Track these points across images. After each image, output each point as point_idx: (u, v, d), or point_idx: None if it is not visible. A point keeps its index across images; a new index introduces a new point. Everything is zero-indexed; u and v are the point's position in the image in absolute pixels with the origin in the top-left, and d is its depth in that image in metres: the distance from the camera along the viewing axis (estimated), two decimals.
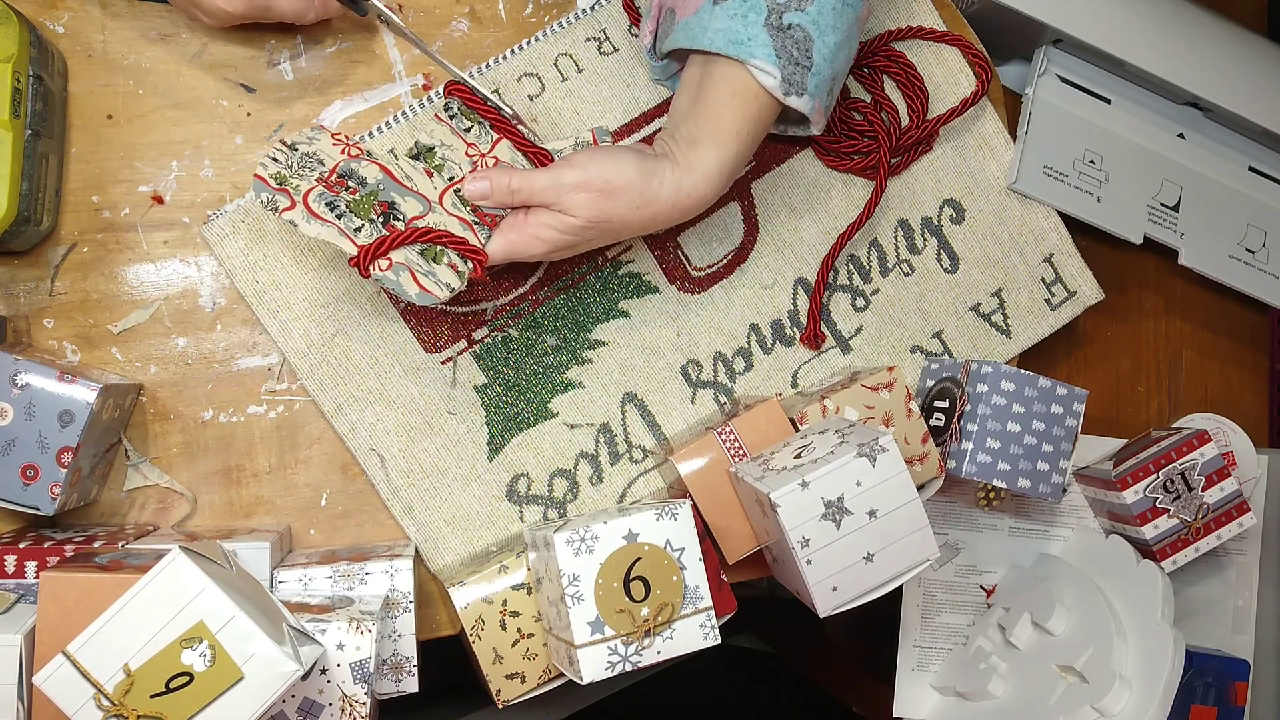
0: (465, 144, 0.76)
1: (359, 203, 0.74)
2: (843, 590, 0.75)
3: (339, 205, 0.73)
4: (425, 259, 0.74)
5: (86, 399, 0.73)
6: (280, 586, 0.77)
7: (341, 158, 0.74)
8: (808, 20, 0.74)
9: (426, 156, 0.76)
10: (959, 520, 0.95)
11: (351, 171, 0.74)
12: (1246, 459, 1.00)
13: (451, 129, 0.76)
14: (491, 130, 0.76)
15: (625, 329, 0.88)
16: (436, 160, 0.76)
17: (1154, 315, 1.05)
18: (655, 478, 0.88)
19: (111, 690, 0.61)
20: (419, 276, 0.73)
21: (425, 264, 0.74)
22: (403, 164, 0.75)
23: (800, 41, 0.74)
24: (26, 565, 0.73)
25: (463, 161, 0.76)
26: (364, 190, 0.74)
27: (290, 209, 0.72)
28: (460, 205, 0.76)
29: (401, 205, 0.75)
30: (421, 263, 0.74)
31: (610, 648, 0.72)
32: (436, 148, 0.76)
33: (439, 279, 0.74)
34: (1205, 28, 0.97)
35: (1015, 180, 0.93)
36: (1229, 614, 1.00)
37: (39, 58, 0.76)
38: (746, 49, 0.73)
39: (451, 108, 0.76)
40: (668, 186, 0.74)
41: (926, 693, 0.95)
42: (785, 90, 0.74)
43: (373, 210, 0.74)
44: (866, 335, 0.92)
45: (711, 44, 0.74)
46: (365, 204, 0.74)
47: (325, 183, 0.74)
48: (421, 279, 0.73)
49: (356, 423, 0.84)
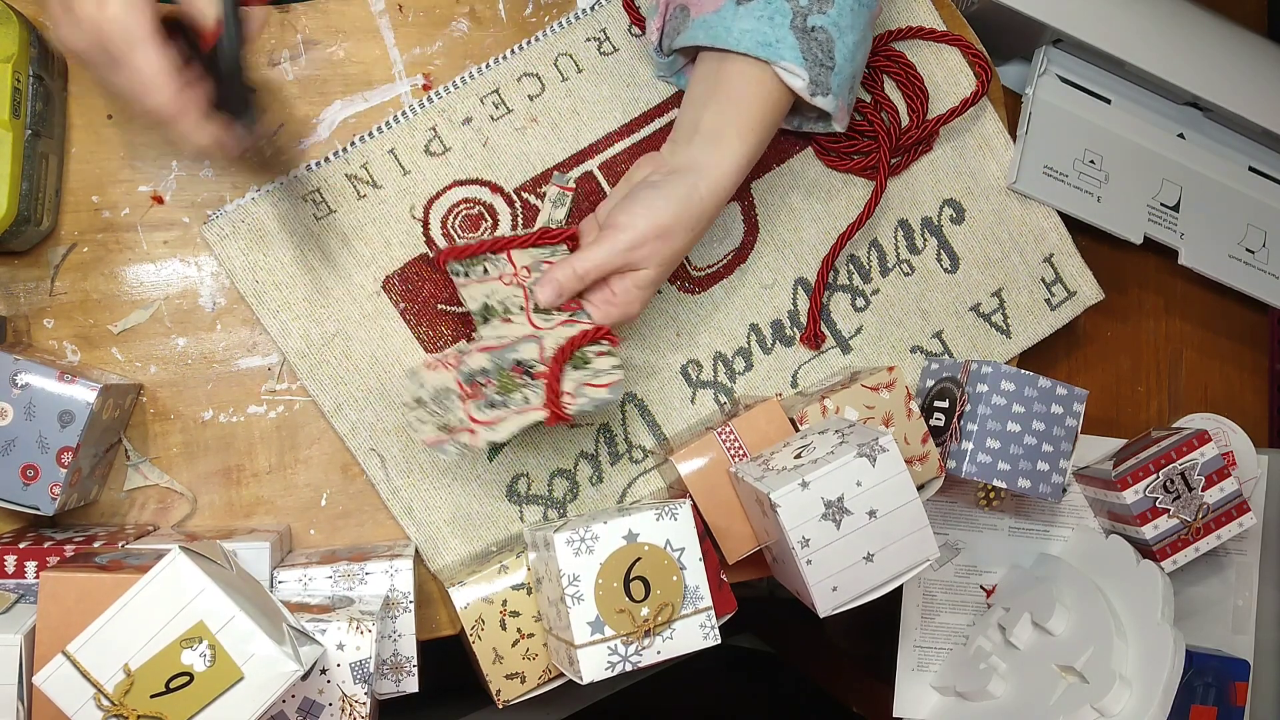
0: (497, 279, 0.79)
1: (502, 384, 0.77)
2: (843, 590, 0.75)
3: (493, 398, 0.77)
4: (580, 369, 0.78)
5: (86, 399, 0.73)
6: (280, 586, 0.77)
7: (452, 373, 0.77)
8: (829, 22, 0.76)
9: (491, 314, 0.79)
10: (959, 520, 0.95)
11: (470, 373, 0.77)
12: (1246, 459, 1.00)
13: (476, 282, 0.79)
14: (495, 254, 0.79)
15: (625, 329, 0.88)
16: (500, 310, 0.79)
17: (1154, 315, 1.05)
18: (655, 478, 0.88)
19: (111, 690, 0.61)
20: (593, 382, 0.77)
21: (586, 372, 0.78)
22: (486, 334, 0.79)
23: (824, 43, 0.75)
24: (26, 565, 0.73)
25: (513, 291, 0.79)
26: (491, 374, 0.77)
27: (475, 435, 0.76)
28: (549, 316, 0.78)
29: (524, 356, 0.77)
30: (583, 374, 0.78)
31: (610, 648, 0.72)
32: (487, 301, 0.79)
33: (604, 370, 0.78)
34: (1205, 28, 0.97)
35: (1015, 180, 0.93)
36: (1229, 614, 1.00)
37: (39, 58, 0.76)
38: (775, 51, 0.74)
39: (457, 269, 0.79)
40: (707, 196, 0.76)
41: (926, 693, 0.95)
42: (812, 91, 0.76)
43: (514, 379, 0.77)
44: (866, 335, 0.92)
45: (739, 44, 0.75)
46: (506, 381, 0.77)
47: (466, 398, 0.77)
48: (596, 381, 0.77)
49: (356, 423, 0.84)
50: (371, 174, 0.84)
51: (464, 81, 0.86)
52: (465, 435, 0.76)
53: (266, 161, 0.81)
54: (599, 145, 0.88)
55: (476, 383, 0.77)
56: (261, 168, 0.82)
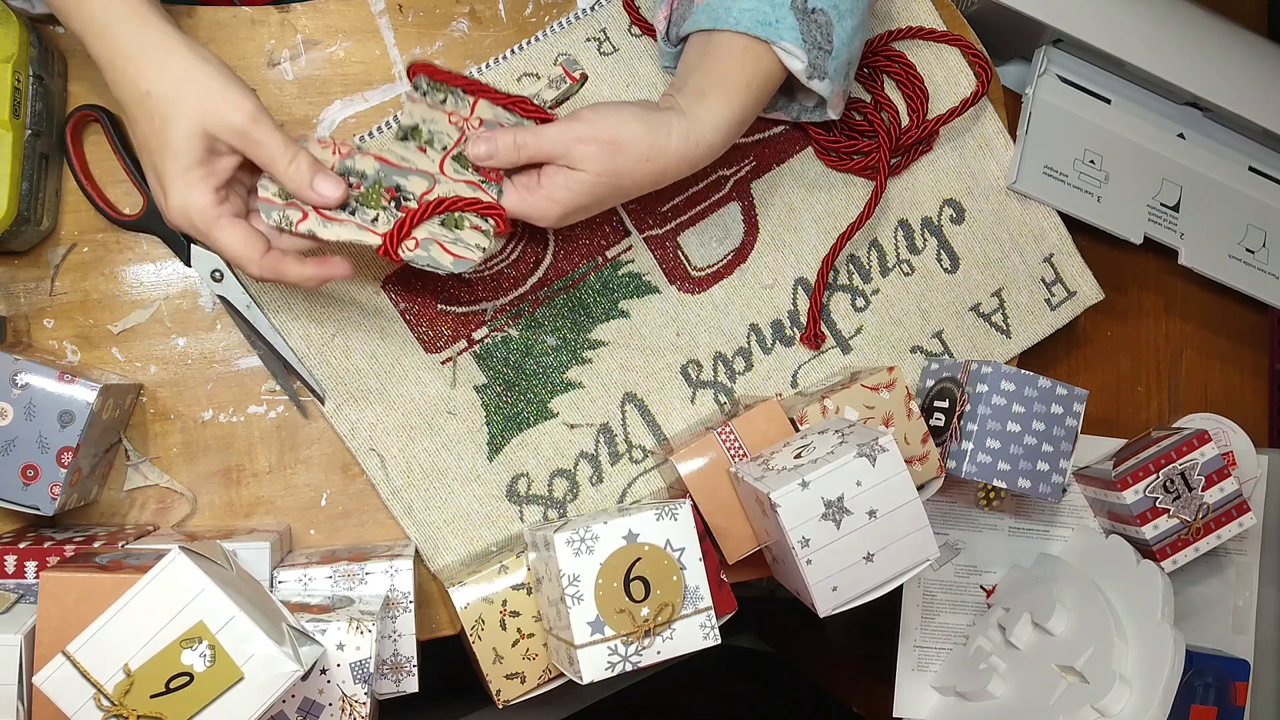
0: (446, 114, 0.76)
1: (367, 195, 0.74)
2: (843, 590, 0.75)
3: (349, 203, 0.73)
4: (448, 228, 0.74)
5: (86, 399, 0.73)
6: (280, 586, 0.77)
7: (334, 159, 0.74)
8: (829, 5, 0.76)
9: (414, 135, 0.76)
10: (959, 520, 0.95)
11: (349, 169, 0.74)
12: (1246, 459, 1.00)
13: (427, 104, 0.76)
14: (466, 94, 0.76)
15: (625, 329, 0.88)
16: (425, 136, 0.76)
17: (1154, 315, 1.05)
18: (655, 478, 0.88)
19: (111, 690, 0.61)
20: (448, 246, 0.74)
21: (450, 233, 0.74)
22: (394, 148, 0.75)
23: (823, 26, 0.75)
24: (26, 565, 0.73)
25: (450, 130, 0.76)
26: (367, 182, 0.74)
27: (304, 220, 0.72)
28: (462, 169, 0.75)
29: (407, 186, 0.75)
30: (446, 233, 0.74)
31: (610, 648, 0.72)
32: (420, 125, 0.76)
33: (468, 243, 0.74)
34: (1205, 28, 0.97)
35: (1015, 180, 0.93)
36: (1229, 614, 1.00)
37: (39, 58, 0.76)
38: (775, 30, 0.74)
39: (420, 85, 0.75)
40: (676, 137, 0.74)
41: (926, 693, 0.95)
42: (809, 74, 0.76)
43: (382, 198, 0.74)
44: (866, 335, 0.92)
45: (738, 24, 0.75)
46: (373, 194, 0.74)
47: None
48: (451, 247, 0.74)
49: (356, 423, 0.84)
50: None
51: None
52: (295, 212, 0.72)
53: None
54: None
55: (345, 179, 0.73)
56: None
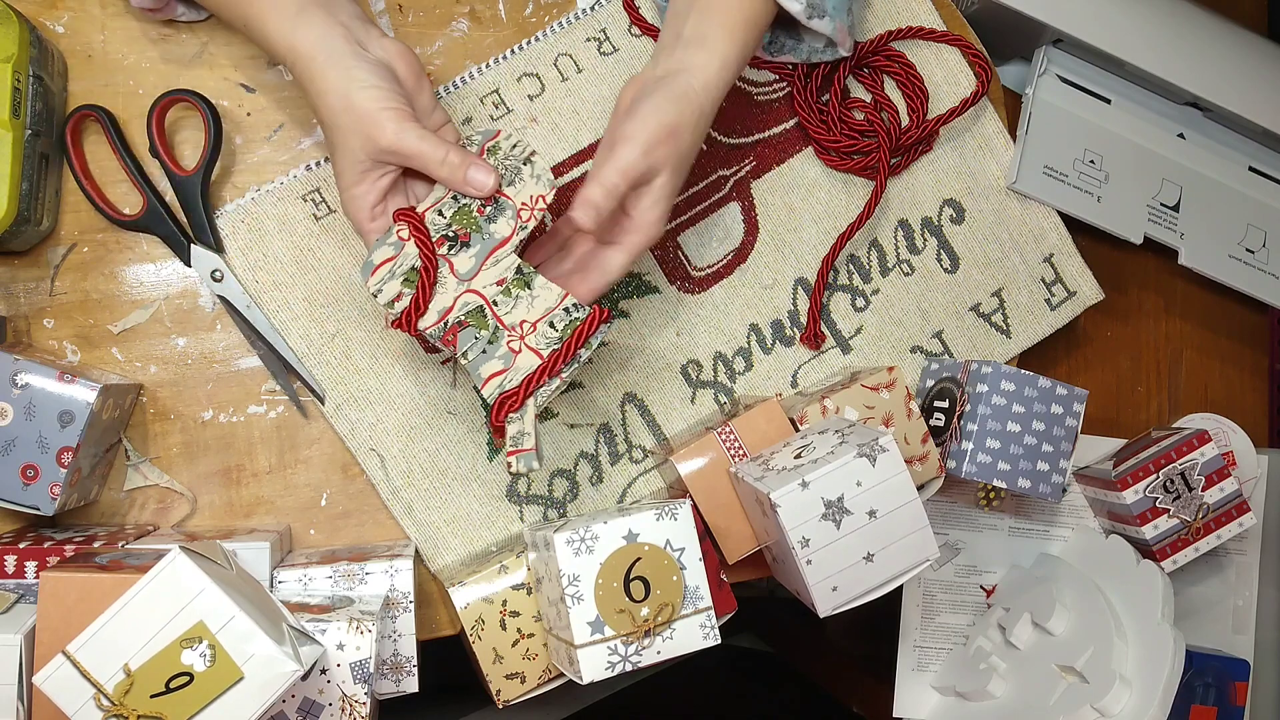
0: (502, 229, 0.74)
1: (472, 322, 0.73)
2: (843, 590, 0.75)
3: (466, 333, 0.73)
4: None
5: (86, 399, 0.73)
6: (280, 586, 0.77)
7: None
8: None
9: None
10: (959, 520, 0.95)
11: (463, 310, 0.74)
12: (1246, 459, 1.00)
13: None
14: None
15: (625, 329, 0.88)
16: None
17: (1154, 315, 1.05)
18: (655, 478, 0.88)
19: (111, 690, 0.61)
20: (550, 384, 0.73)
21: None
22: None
23: None
24: (26, 565, 0.73)
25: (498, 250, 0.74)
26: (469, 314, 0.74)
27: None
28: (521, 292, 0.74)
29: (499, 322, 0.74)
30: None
31: (610, 648, 0.72)
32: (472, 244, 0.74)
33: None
34: (1205, 28, 0.97)
35: (1015, 180, 0.93)
36: (1229, 614, 1.00)
37: (39, 58, 0.76)
38: None
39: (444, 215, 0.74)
40: (701, 91, 0.74)
41: (926, 693, 0.95)
42: (809, 14, 0.77)
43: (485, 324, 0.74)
44: (866, 335, 0.92)
45: None
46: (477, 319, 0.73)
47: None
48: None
49: (356, 423, 0.84)
50: None
51: (464, 81, 0.86)
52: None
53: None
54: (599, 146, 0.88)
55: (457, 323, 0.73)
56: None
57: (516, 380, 0.72)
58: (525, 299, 0.73)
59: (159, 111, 0.80)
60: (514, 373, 0.73)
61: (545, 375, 0.72)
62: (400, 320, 0.73)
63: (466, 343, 0.73)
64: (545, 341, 0.73)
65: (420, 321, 0.73)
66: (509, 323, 0.73)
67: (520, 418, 0.73)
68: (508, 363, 0.73)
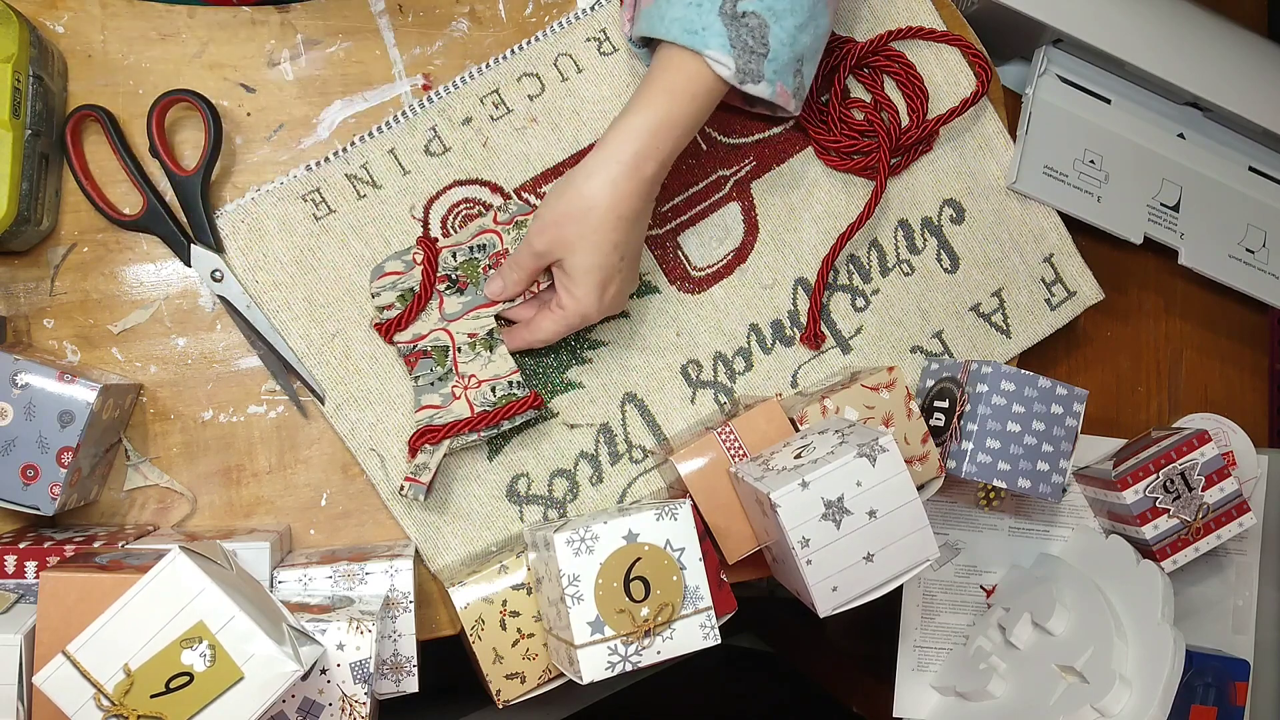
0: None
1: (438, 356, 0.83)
2: (843, 590, 0.75)
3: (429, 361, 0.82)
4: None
5: (86, 399, 0.73)
6: (280, 586, 0.77)
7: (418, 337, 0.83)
8: (763, 7, 0.74)
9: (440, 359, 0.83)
10: (959, 520, 0.95)
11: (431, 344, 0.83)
12: (1246, 459, 1.00)
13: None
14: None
15: (625, 329, 0.88)
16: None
17: (1154, 315, 1.05)
18: (655, 478, 0.88)
19: (111, 690, 0.61)
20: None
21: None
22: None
23: (755, 29, 0.73)
24: (26, 565, 0.73)
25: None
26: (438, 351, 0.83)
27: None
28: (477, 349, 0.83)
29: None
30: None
31: (610, 648, 0.72)
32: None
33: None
34: (1205, 28, 0.97)
35: (1015, 180, 0.93)
36: (1229, 614, 1.00)
37: (39, 58, 0.76)
38: (701, 39, 0.73)
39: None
40: (596, 171, 0.75)
41: (926, 693, 0.95)
42: (741, 79, 0.74)
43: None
44: (866, 335, 0.92)
45: (668, 33, 0.74)
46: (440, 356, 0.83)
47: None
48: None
49: (356, 423, 0.84)
50: (371, 174, 0.84)
51: (464, 81, 0.86)
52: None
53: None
54: None
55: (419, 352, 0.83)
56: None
57: (444, 420, 0.81)
58: (483, 359, 0.82)
59: (159, 111, 0.80)
60: (446, 413, 0.82)
61: (467, 428, 0.81)
62: (383, 326, 0.82)
63: (423, 370, 0.82)
64: (481, 401, 0.82)
65: (397, 335, 0.82)
66: (462, 370, 0.82)
67: (431, 454, 0.81)
68: (445, 402, 0.82)
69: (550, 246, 0.77)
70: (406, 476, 0.81)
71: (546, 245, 0.78)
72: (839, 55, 0.89)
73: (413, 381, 0.82)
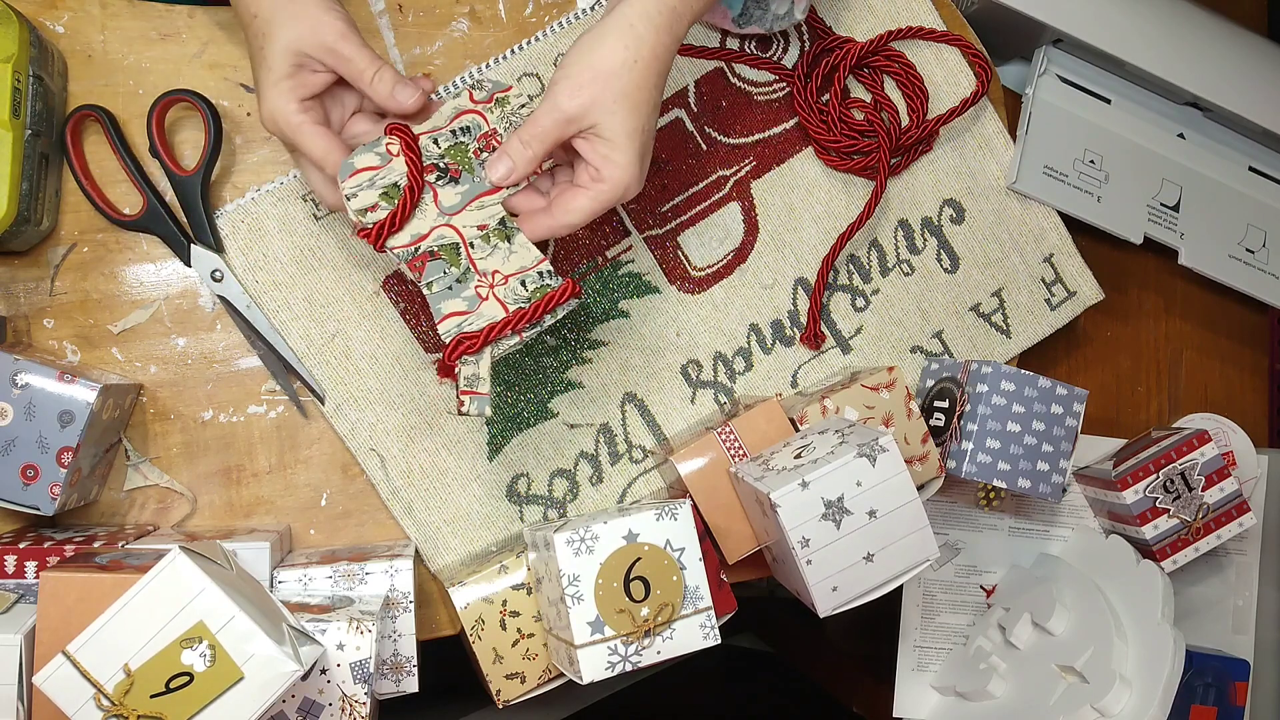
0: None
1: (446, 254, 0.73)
2: (843, 590, 0.75)
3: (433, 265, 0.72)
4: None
5: (86, 399, 0.73)
6: (280, 586, 0.77)
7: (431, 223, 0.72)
8: None
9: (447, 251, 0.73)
10: (959, 520, 0.95)
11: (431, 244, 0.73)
12: (1246, 459, 1.00)
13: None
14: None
15: (625, 329, 0.88)
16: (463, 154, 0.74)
17: (1154, 315, 1.05)
18: (655, 478, 0.88)
19: (111, 690, 0.61)
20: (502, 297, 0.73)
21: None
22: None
23: None
24: (26, 565, 0.73)
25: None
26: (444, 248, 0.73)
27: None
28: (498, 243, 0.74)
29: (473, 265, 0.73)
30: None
31: (610, 648, 0.72)
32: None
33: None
34: (1205, 28, 0.97)
35: (1015, 180, 0.93)
36: (1229, 614, 1.00)
37: (39, 58, 0.76)
38: None
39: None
40: (638, 22, 0.69)
41: (926, 693, 0.95)
42: None
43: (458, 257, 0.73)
44: (866, 335, 0.92)
45: None
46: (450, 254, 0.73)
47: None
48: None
49: (356, 423, 0.84)
50: None
51: (464, 81, 0.86)
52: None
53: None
54: None
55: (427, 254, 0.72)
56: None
57: (478, 325, 0.71)
58: (503, 251, 0.73)
59: (159, 111, 0.80)
60: (476, 318, 0.72)
61: (508, 329, 0.72)
62: (371, 231, 0.71)
63: (434, 274, 0.72)
64: (514, 298, 0.72)
65: (391, 239, 0.71)
66: (481, 268, 0.72)
67: (476, 362, 0.71)
68: (472, 306, 0.72)
69: (585, 108, 0.69)
70: (461, 391, 0.71)
71: (580, 107, 0.69)
72: (839, 55, 0.89)
73: (425, 288, 0.72)
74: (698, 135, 0.89)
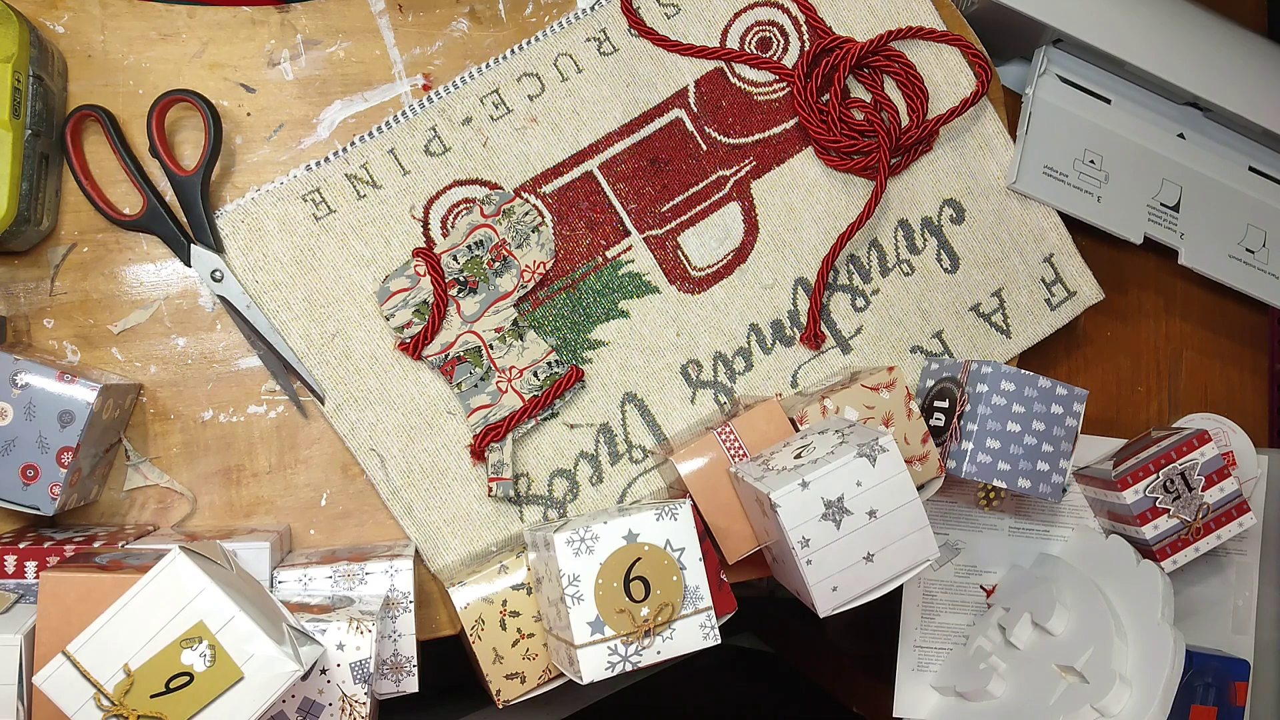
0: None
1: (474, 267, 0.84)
2: (843, 590, 0.75)
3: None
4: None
5: (86, 399, 0.73)
6: (280, 586, 0.77)
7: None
8: None
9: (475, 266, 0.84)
10: (959, 520, 0.95)
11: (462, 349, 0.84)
12: (1246, 459, 1.00)
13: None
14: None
15: (625, 329, 0.88)
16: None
17: (1154, 315, 1.05)
18: (655, 478, 0.88)
19: (111, 690, 0.61)
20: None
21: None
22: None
23: None
24: (26, 565, 0.73)
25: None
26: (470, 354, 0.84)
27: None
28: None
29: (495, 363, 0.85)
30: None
31: (610, 648, 0.72)
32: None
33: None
34: (1205, 28, 0.97)
35: (1015, 180, 0.93)
36: (1229, 614, 1.00)
37: (39, 58, 0.76)
38: None
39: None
40: None
41: (926, 693, 0.95)
42: None
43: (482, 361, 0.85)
44: (866, 335, 0.92)
45: None
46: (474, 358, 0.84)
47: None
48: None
49: (356, 423, 0.84)
50: (371, 174, 0.84)
51: (464, 81, 0.86)
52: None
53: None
54: (599, 145, 0.88)
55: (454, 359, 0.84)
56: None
57: (500, 415, 0.84)
58: (517, 349, 0.85)
59: (159, 111, 0.80)
60: (499, 409, 0.84)
61: (525, 416, 0.84)
62: (408, 345, 0.83)
63: (462, 375, 0.84)
64: (528, 388, 0.85)
65: (425, 349, 0.84)
66: (500, 365, 0.84)
67: (501, 449, 0.83)
68: (494, 399, 0.84)
69: None
70: (490, 478, 0.83)
71: None
72: (839, 55, 0.89)
73: (454, 389, 0.84)
74: (698, 135, 0.89)
